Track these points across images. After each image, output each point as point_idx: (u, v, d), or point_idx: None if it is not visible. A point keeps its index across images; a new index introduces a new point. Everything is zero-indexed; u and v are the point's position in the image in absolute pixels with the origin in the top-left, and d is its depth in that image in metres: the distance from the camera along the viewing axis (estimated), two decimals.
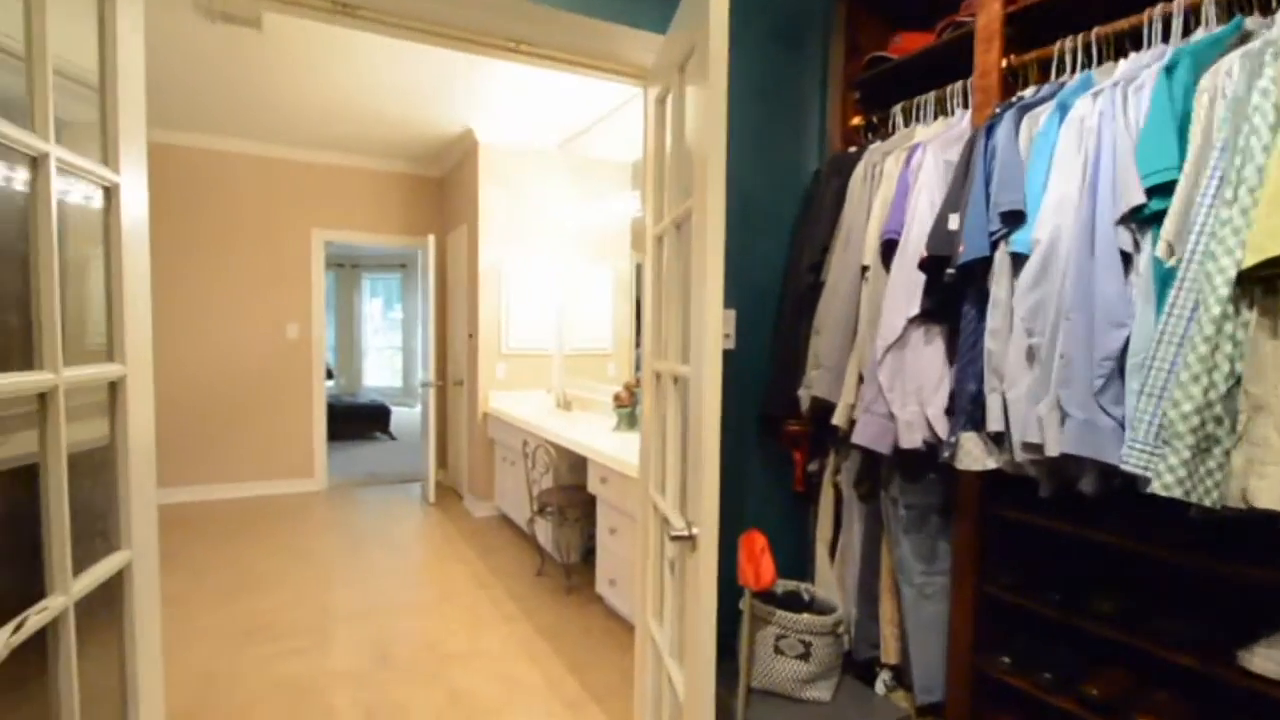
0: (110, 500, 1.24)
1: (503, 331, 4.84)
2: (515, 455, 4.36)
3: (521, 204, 4.88)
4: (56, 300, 1.04)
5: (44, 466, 1.04)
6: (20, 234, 1.03)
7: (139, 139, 1.29)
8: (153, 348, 4.72)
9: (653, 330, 1.78)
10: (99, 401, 1.25)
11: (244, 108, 4.38)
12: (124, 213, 1.23)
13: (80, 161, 1.10)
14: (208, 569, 3.65)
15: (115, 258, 1.22)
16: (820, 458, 1.94)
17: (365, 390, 10.85)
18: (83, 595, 1.11)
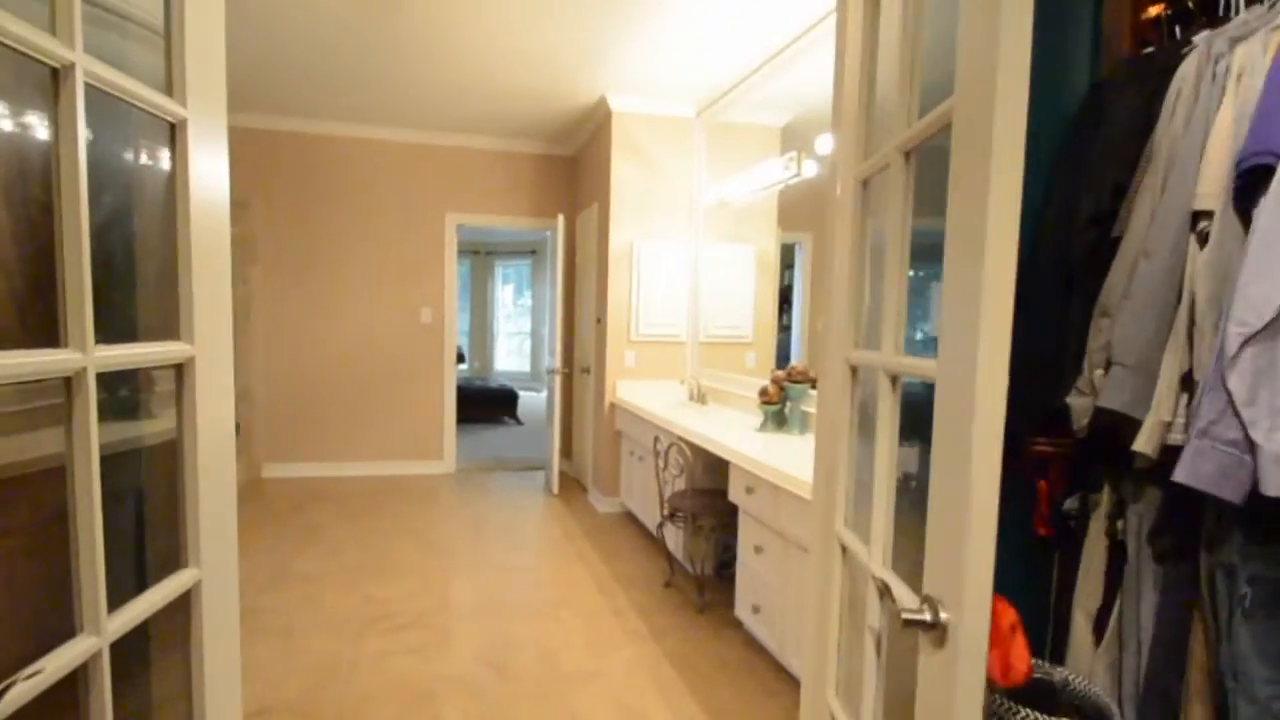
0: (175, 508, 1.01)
1: (633, 316, 4.55)
2: (644, 451, 4.05)
3: (655, 178, 4.54)
4: (85, 255, 0.79)
5: (70, 471, 0.80)
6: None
7: (215, 71, 1.05)
8: (296, 330, 4.59)
9: (848, 309, 1.34)
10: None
11: (382, 94, 4.37)
12: (192, 157, 0.98)
13: (123, 80, 0.85)
14: (342, 548, 3.66)
15: (182, 211, 0.98)
16: (1084, 492, 1.41)
17: (495, 375, 11.12)
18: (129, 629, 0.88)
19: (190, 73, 0.99)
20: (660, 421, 3.63)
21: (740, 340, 4.62)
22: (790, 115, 4.51)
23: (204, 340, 1.03)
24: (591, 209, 4.93)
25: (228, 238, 1.09)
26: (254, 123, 4.87)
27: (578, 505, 4.72)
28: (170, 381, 1.03)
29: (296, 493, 4.70)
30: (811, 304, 4.33)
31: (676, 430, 3.38)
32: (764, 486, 2.53)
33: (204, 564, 1.05)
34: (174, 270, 0.99)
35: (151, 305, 1.02)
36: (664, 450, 3.29)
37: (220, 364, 1.07)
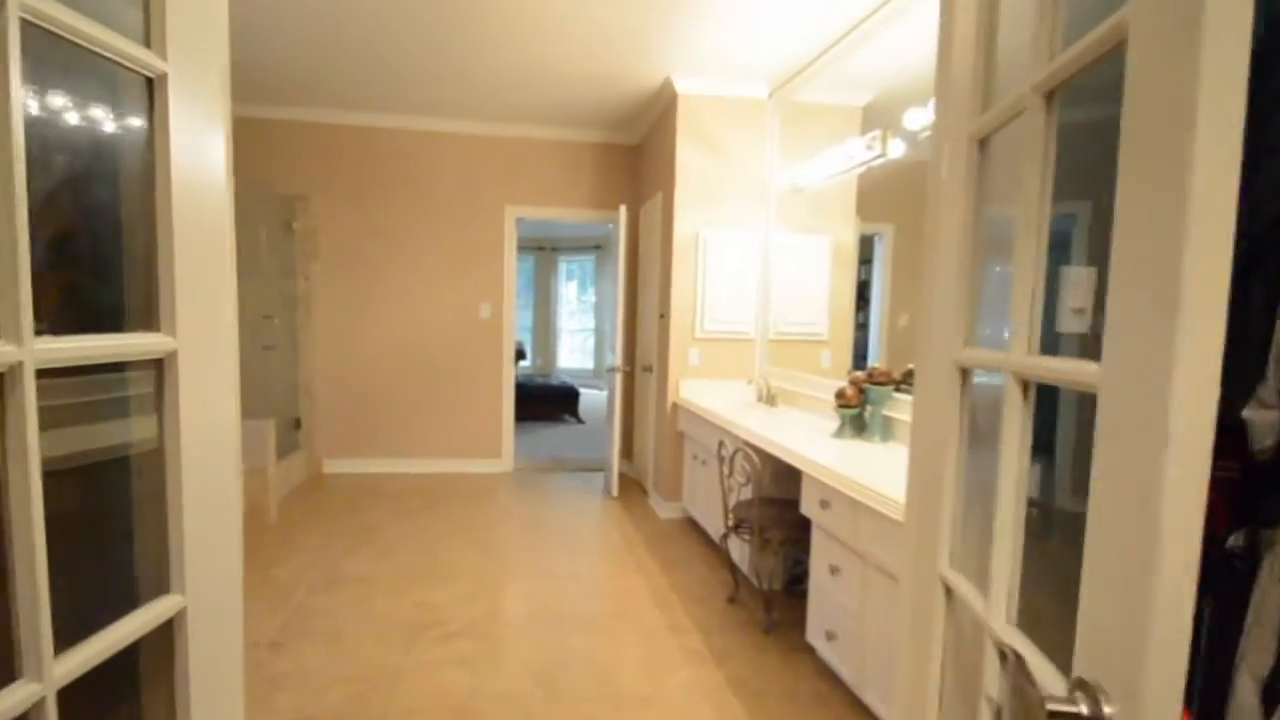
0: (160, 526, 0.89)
1: (698, 312, 4.33)
2: (708, 455, 3.83)
3: (723, 164, 4.31)
4: (20, 228, 0.66)
5: (3, 485, 0.67)
6: None
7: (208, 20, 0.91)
8: (355, 325, 4.55)
9: (956, 299, 1.10)
10: None
11: (442, 84, 4.32)
12: (174, 119, 0.85)
13: (77, 22, 0.71)
14: (395, 548, 3.62)
15: (161, 182, 0.85)
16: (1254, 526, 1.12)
17: (558, 372, 11.11)
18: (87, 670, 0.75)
19: (173, 20, 0.86)
20: (725, 424, 3.41)
21: (814, 338, 4.33)
22: (872, 93, 4.17)
23: (190, 332, 0.90)
24: (655, 199, 4.74)
25: (226, 215, 0.96)
26: (315, 117, 4.93)
27: (637, 509, 4.55)
28: None
29: (354, 489, 4.73)
30: (892, 299, 4.01)
31: (743, 434, 3.16)
32: (841, 501, 2.27)
33: (191, 589, 0.92)
34: (152, 251, 0.86)
35: (138, 293, 0.90)
36: (729, 456, 3.07)
37: (215, 359, 0.94)
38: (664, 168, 4.53)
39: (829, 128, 4.15)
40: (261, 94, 4.62)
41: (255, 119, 4.87)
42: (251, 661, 2.44)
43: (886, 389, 2.90)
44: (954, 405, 1.11)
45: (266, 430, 3.92)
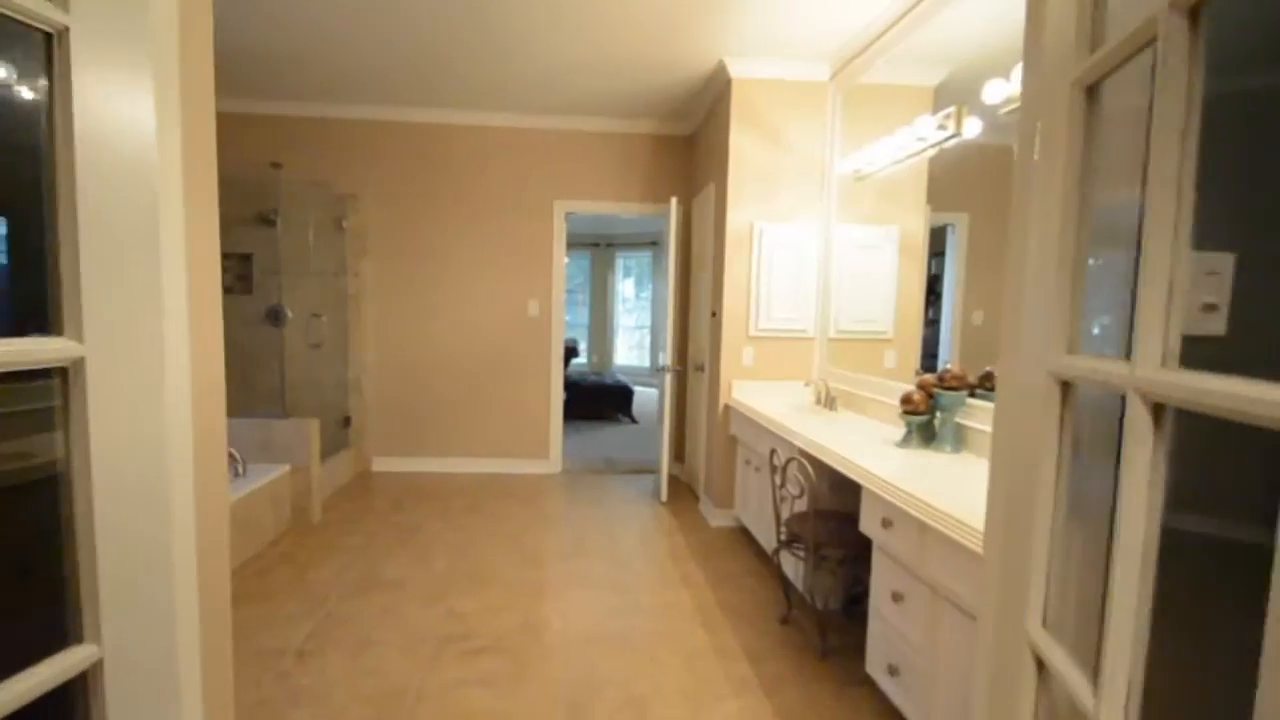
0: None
1: (752, 309, 4.09)
2: (761, 461, 3.60)
3: (780, 151, 4.05)
4: None
5: None
6: None
7: None
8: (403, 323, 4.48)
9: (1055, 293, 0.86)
10: None
11: (489, 76, 4.22)
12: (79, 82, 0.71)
13: None
14: (433, 551, 3.54)
15: (64, 159, 0.72)
16: None
17: (614, 370, 11.01)
18: None
19: None
20: (778, 429, 3.17)
21: (878, 336, 4.02)
22: (945, 71, 3.82)
23: (105, 335, 0.76)
24: (708, 189, 4.52)
25: (151, 198, 0.82)
26: (364, 114, 4.93)
27: (687, 516, 4.35)
28: None
29: (400, 489, 4.72)
30: (966, 294, 3.66)
31: (797, 441, 2.92)
32: (907, 521, 2.02)
33: (111, 638, 0.79)
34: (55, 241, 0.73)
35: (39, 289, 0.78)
36: (782, 464, 2.84)
37: (138, 366, 0.81)
38: (717, 157, 4.31)
39: (896, 111, 3.83)
40: (311, 92, 4.65)
41: (306, 118, 4.91)
42: (277, 671, 2.38)
43: (960, 394, 2.61)
44: (1049, 425, 0.87)
45: (310, 430, 3.91)
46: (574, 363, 9.32)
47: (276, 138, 4.89)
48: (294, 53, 3.99)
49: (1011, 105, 2.50)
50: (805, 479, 2.62)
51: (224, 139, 4.87)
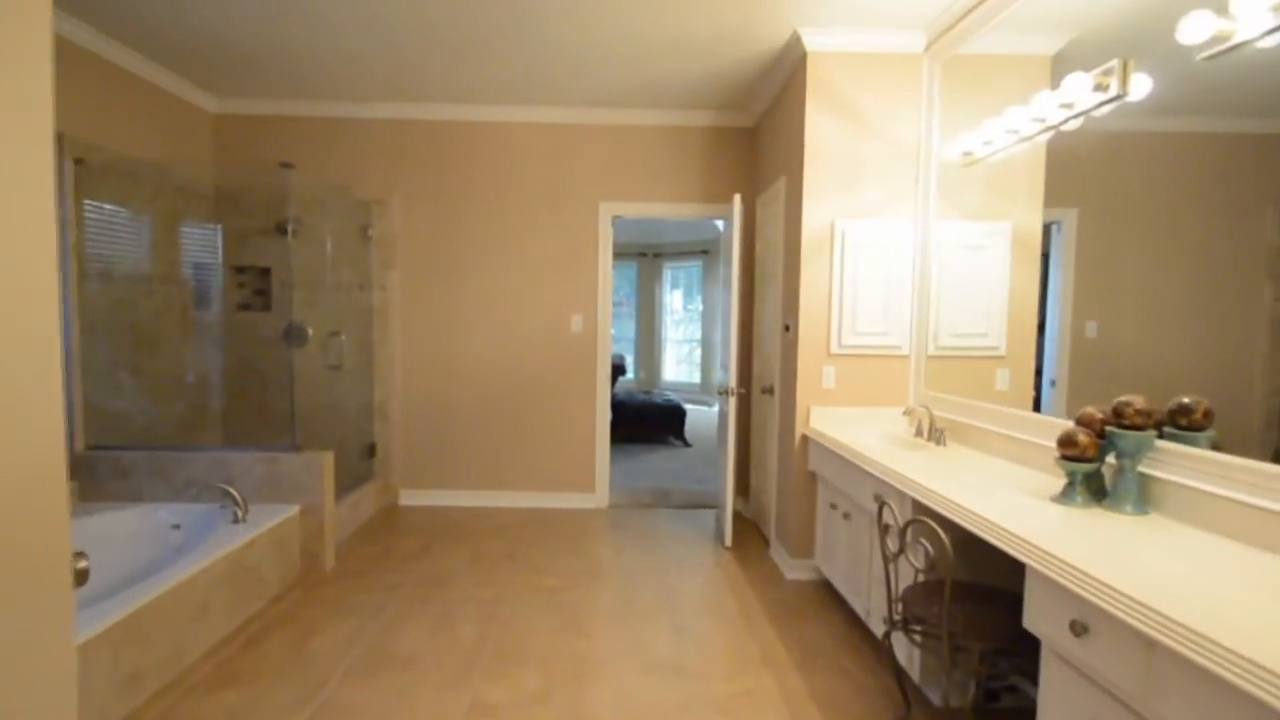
0: None
1: (833, 322, 3.47)
2: (852, 506, 2.97)
3: (866, 136, 3.44)
4: None
5: None
6: None
7: None
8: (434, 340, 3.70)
9: None
10: None
11: (524, 64, 3.74)
12: None
13: None
14: (459, 615, 3.01)
15: None
16: None
17: (662, 387, 10.43)
18: None
19: None
20: (883, 473, 2.54)
21: (986, 353, 3.35)
22: (1066, 36, 3.15)
23: None
24: (777, 185, 3.93)
25: None
26: (389, 112, 4.50)
27: (757, 565, 3.72)
28: None
29: (428, 527, 4.22)
30: (1076, 303, 2.99)
31: (912, 490, 2.29)
32: (1116, 630, 1.38)
33: None
34: None
35: None
36: (899, 524, 2.21)
37: None
38: (789, 147, 3.72)
39: (1006, 86, 3.17)
40: (329, 89, 4.24)
41: (325, 118, 4.51)
42: None
43: (1146, 435, 1.94)
44: None
45: (323, 465, 3.44)
46: (620, 380, 8.78)
47: (293, 141, 4.51)
48: (305, 46, 3.57)
49: (1225, 43, 1.85)
50: (933, 547, 1.98)
51: (234, 143, 4.47)
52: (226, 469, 3.38)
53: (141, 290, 3.81)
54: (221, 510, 3.20)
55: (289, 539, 3.30)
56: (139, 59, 3.77)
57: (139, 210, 3.80)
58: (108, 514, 3.15)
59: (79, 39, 3.41)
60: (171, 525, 3.19)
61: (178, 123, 4.17)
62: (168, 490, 3.38)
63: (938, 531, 1.94)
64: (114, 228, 3.64)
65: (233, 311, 4.34)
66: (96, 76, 3.55)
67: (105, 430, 3.53)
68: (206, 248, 4.29)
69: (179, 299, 4.11)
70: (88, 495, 3.39)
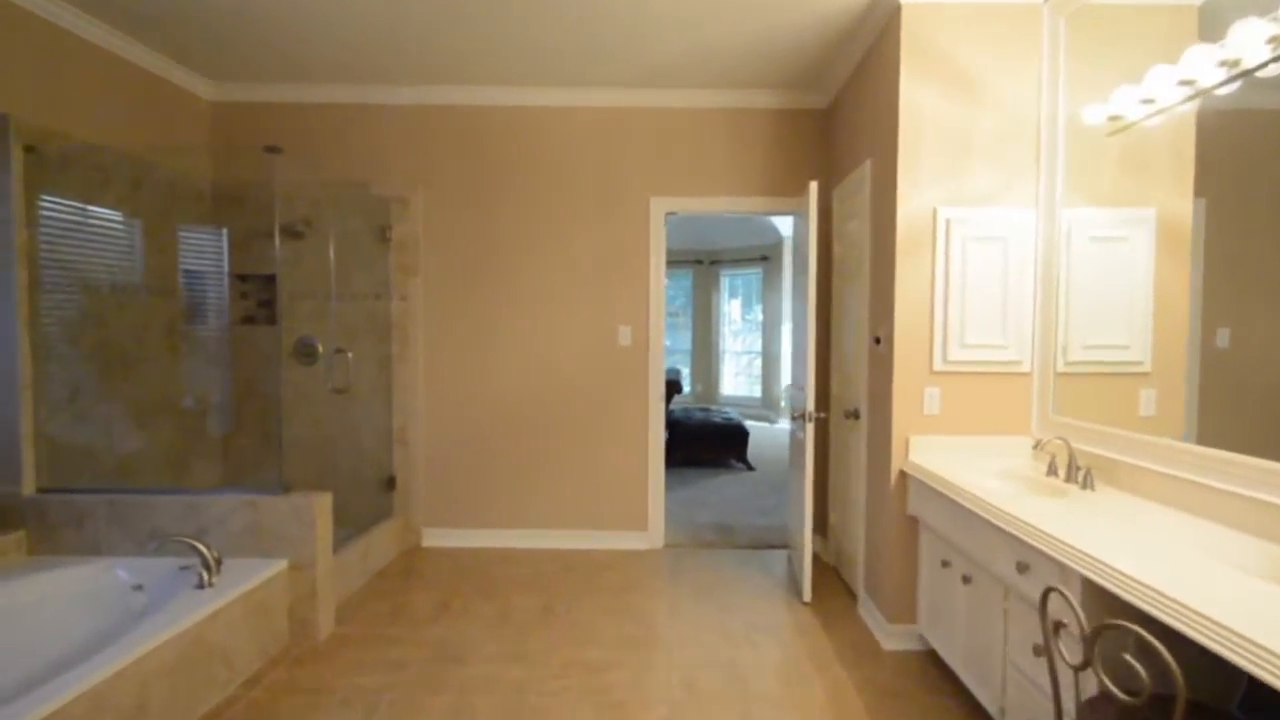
0: None
1: (937, 332, 2.85)
2: (973, 567, 2.35)
3: (974, 105, 2.82)
4: None
5: None
6: None
7: None
8: (462, 357, 3.93)
9: None
10: None
11: (563, 39, 3.26)
12: None
13: None
14: (476, 708, 2.46)
15: None
16: None
17: (720, 402, 9.82)
18: None
19: None
20: (1030, 534, 1.92)
21: (1128, 369, 2.67)
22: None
23: None
24: (860, 172, 3.33)
25: None
26: (412, 98, 4.06)
27: (845, 628, 3.09)
28: None
29: (451, 576, 3.70)
30: (1205, 308, 2.33)
31: (1087, 566, 1.66)
32: None
33: None
34: None
35: None
36: (1078, 620, 1.59)
37: None
38: (877, 125, 3.12)
39: (1143, 42, 2.51)
40: (339, 71, 3.82)
41: (335, 105, 4.06)
42: None
43: None
44: None
45: (313, 509, 2.85)
46: (675, 398, 8.22)
47: (302, 131, 4.06)
48: (315, 15, 3.17)
49: None
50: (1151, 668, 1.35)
51: (235, 135, 3.40)
52: (198, 516, 2.83)
53: (114, 302, 3.31)
54: (182, 572, 2.62)
55: (271, 603, 2.74)
56: (110, 32, 3.30)
57: (113, 209, 3.31)
58: (55, 571, 2.63)
59: (34, 6, 2.93)
60: (133, 586, 2.66)
61: (165, 110, 3.71)
62: (129, 542, 2.85)
63: (1159, 648, 1.31)
64: (80, 229, 3.14)
65: (235, 325, 3.89)
66: (56, 51, 3.06)
67: (65, 469, 3.03)
68: (205, 253, 3.83)
69: (165, 312, 3.62)
70: (37, 547, 2.85)
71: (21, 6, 2.91)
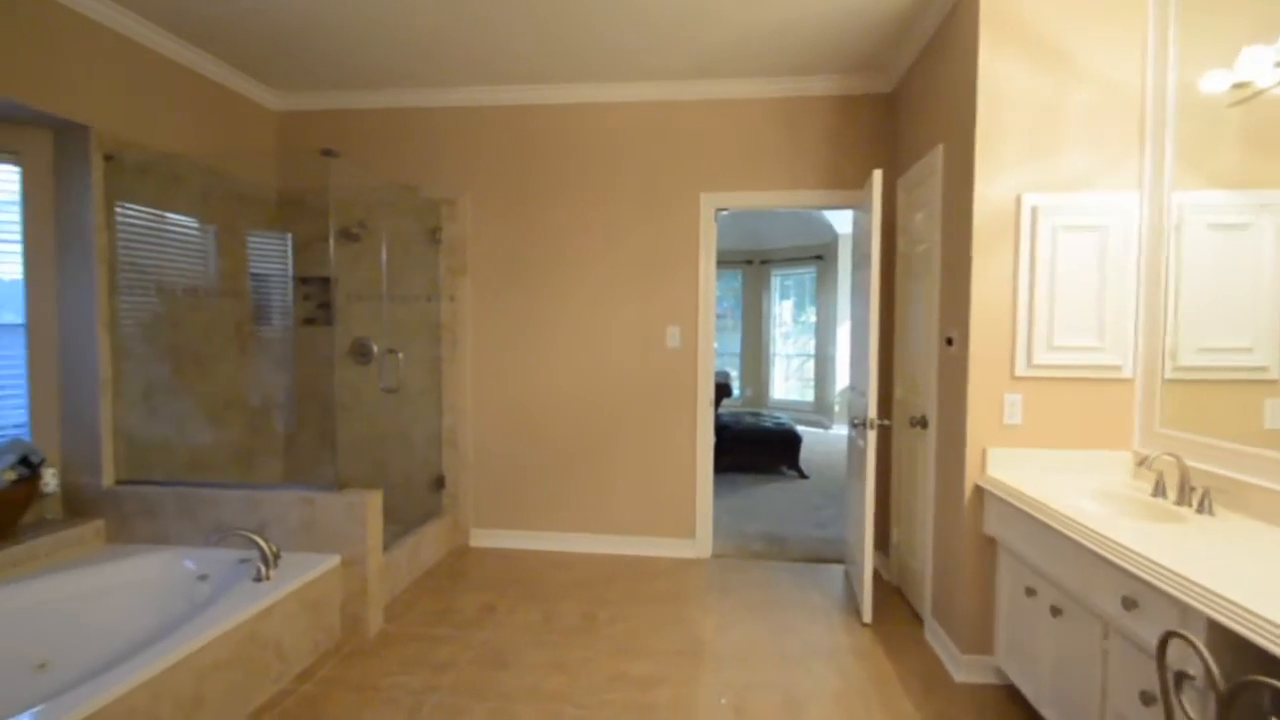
0: None
1: (1020, 332, 2.54)
2: (1064, 597, 2.05)
3: (1066, 79, 2.50)
4: None
5: None
6: None
7: None
8: (509, 358, 3.80)
9: None
10: None
11: (605, 28, 3.08)
12: None
13: None
14: (516, 711, 2.33)
15: None
16: None
17: (771, 406, 9.50)
18: None
19: None
20: (1144, 567, 1.62)
21: (1251, 375, 2.31)
22: None
23: None
24: (930, 159, 3.04)
25: None
26: (461, 99, 3.95)
27: (910, 654, 2.81)
28: None
29: (498, 577, 3.58)
30: None
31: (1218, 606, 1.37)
32: None
33: None
34: None
35: None
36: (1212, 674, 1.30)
37: None
38: (951, 105, 2.82)
39: None
40: (396, 76, 3.75)
41: (384, 110, 4.02)
42: None
43: None
44: None
45: (365, 507, 2.83)
46: (725, 401, 7.96)
47: (358, 136, 4.04)
48: (371, 20, 3.09)
49: None
50: None
51: (298, 143, 3.63)
52: (260, 511, 2.85)
53: (187, 304, 3.39)
54: (243, 564, 2.68)
55: (325, 598, 2.72)
56: (184, 45, 3.35)
57: (186, 214, 3.40)
58: (129, 559, 2.72)
59: (108, 20, 2.97)
60: (198, 576, 2.70)
61: (235, 120, 3.76)
62: (195, 533, 2.91)
63: None
64: (155, 234, 3.23)
65: (298, 326, 3.92)
66: (135, 65, 3.12)
67: (140, 462, 3.12)
68: (271, 256, 3.89)
69: (234, 313, 3.69)
70: (114, 535, 2.97)
71: (103, 25, 2.97)
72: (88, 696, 1.73)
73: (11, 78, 2.58)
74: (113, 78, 3.02)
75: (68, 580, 2.53)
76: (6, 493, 2.58)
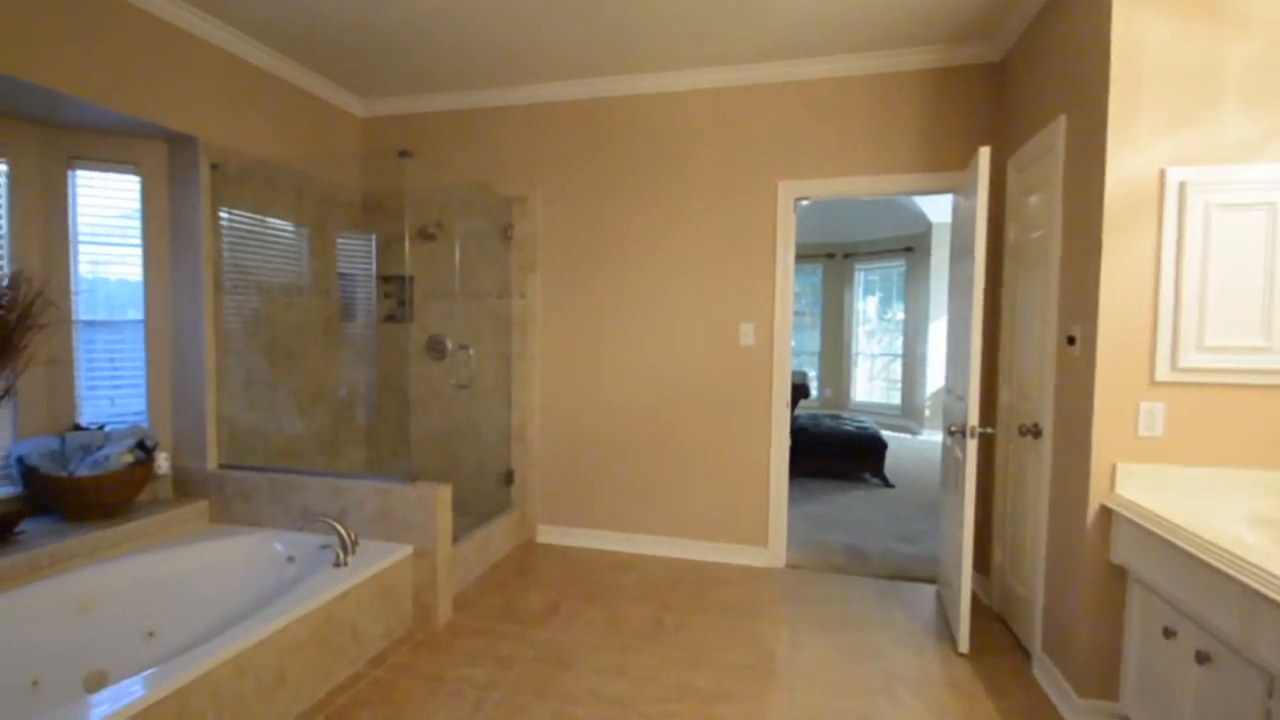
0: None
1: (1162, 330, 2.14)
2: (1215, 643, 1.68)
3: (1223, 29, 2.09)
4: None
5: None
6: None
7: None
8: (578, 355, 3.82)
9: None
10: None
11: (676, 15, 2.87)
12: None
13: None
14: (575, 714, 2.18)
15: None
16: None
17: (853, 409, 9.01)
18: None
19: None
20: None
21: None
22: None
23: None
24: (1049, 132, 2.65)
25: None
26: (531, 96, 3.85)
27: (1014, 692, 2.45)
28: None
29: (563, 575, 3.45)
30: None
31: None
32: None
33: None
34: None
35: None
36: None
37: None
38: (1077, 69, 2.43)
39: None
40: (469, 78, 3.67)
41: (464, 110, 3.99)
42: None
43: None
44: None
45: (434, 500, 2.78)
46: (802, 403, 7.59)
47: (433, 137, 4.03)
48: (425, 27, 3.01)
49: None
50: None
51: (380, 147, 3.03)
52: (341, 499, 2.91)
53: (283, 302, 3.51)
54: (325, 550, 2.72)
55: (398, 586, 2.73)
56: (278, 57, 3.44)
57: (281, 218, 3.52)
58: (227, 539, 2.84)
59: (213, 37, 3.09)
60: (286, 558, 2.78)
61: (325, 128, 3.83)
62: (285, 516, 3.00)
63: None
64: (255, 237, 3.36)
65: (380, 323, 3.98)
66: (233, 78, 3.23)
67: (239, 448, 3.27)
68: (356, 257, 3.96)
69: (323, 311, 3.78)
70: (216, 516, 3.10)
71: (208, 41, 3.09)
72: (184, 667, 1.79)
73: (132, 95, 2.73)
74: (215, 90, 3.14)
75: (175, 556, 2.66)
76: (125, 473, 2.71)
